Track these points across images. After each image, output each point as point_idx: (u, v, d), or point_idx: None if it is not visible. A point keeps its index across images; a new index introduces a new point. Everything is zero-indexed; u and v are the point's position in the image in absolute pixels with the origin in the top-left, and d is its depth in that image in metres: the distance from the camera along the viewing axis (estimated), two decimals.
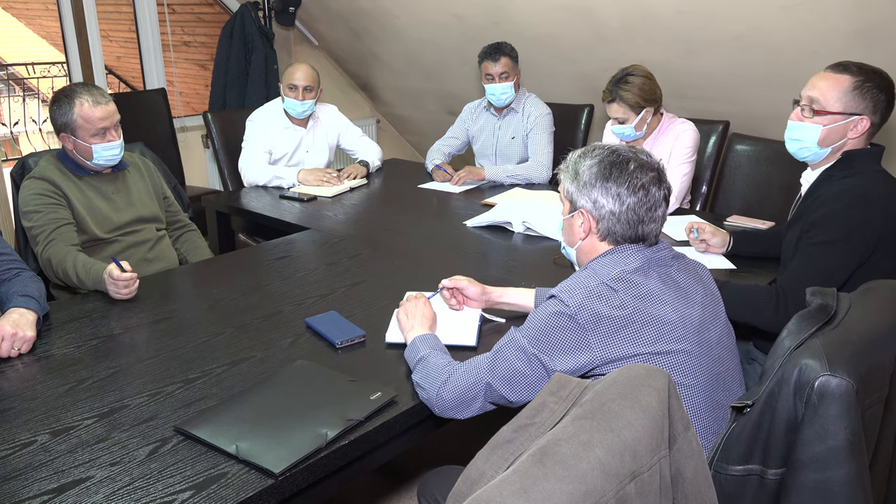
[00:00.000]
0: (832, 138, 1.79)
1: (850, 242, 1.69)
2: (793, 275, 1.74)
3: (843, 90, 1.75)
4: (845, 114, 1.76)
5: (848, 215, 1.70)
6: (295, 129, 3.27)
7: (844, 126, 1.77)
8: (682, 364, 1.29)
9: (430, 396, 1.38)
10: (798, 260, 1.76)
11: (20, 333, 1.59)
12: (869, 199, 1.70)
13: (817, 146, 1.82)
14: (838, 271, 1.71)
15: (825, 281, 1.66)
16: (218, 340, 1.68)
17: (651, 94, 2.62)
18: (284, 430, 1.28)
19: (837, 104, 1.76)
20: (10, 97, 6.11)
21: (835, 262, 1.71)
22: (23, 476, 1.19)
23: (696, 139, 2.68)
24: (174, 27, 4.49)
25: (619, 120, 2.65)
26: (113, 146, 2.21)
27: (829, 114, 1.77)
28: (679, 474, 0.98)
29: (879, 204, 1.70)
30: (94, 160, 2.21)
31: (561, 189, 1.46)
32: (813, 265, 1.72)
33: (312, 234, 2.51)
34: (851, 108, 1.75)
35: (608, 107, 2.67)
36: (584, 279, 1.33)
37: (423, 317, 1.61)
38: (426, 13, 3.99)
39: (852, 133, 1.78)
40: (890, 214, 1.71)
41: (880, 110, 1.76)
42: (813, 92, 1.79)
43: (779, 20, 2.88)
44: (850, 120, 1.76)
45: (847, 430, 1.04)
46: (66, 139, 2.19)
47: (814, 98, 1.79)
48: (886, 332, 1.20)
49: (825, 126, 1.78)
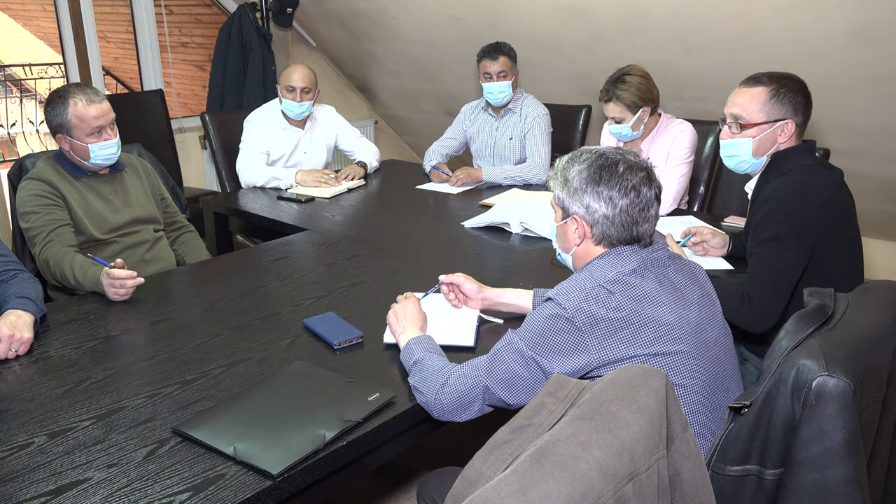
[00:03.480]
0: (765, 147, 1.89)
1: (795, 235, 1.74)
2: (751, 279, 1.77)
3: (761, 101, 1.85)
4: (770, 122, 1.85)
5: (786, 211, 1.75)
6: (293, 130, 3.27)
7: (772, 133, 1.86)
8: (679, 365, 1.29)
9: (429, 400, 1.38)
10: (752, 263, 1.80)
11: (17, 335, 1.59)
12: (802, 192, 1.76)
13: (753, 157, 1.91)
14: (792, 264, 1.74)
15: (782, 275, 1.73)
16: (216, 342, 1.68)
17: (648, 94, 2.63)
18: (282, 432, 1.28)
19: (760, 115, 1.85)
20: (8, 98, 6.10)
21: (786, 255, 1.74)
22: (20, 478, 1.19)
23: (693, 140, 2.69)
24: (172, 28, 4.48)
25: (616, 119, 2.66)
26: (109, 145, 2.21)
27: (754, 125, 1.86)
28: (677, 475, 0.98)
29: (812, 195, 1.76)
30: (91, 160, 2.20)
31: (552, 196, 1.46)
32: (766, 263, 1.75)
33: (310, 235, 2.51)
34: (774, 115, 1.85)
35: (605, 106, 2.68)
36: (580, 282, 1.33)
37: (414, 317, 1.61)
38: (424, 14, 4.00)
39: (781, 138, 1.86)
40: (825, 203, 1.76)
41: (801, 111, 1.85)
42: (734, 109, 1.90)
43: (776, 21, 2.89)
44: (775, 126, 1.85)
45: (844, 431, 1.05)
46: (63, 140, 2.19)
47: (737, 115, 1.89)
48: (884, 332, 1.20)
49: (755, 137, 1.88)
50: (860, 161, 3.20)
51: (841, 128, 3.13)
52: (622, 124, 2.66)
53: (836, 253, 1.79)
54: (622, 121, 2.66)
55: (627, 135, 2.68)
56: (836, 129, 3.14)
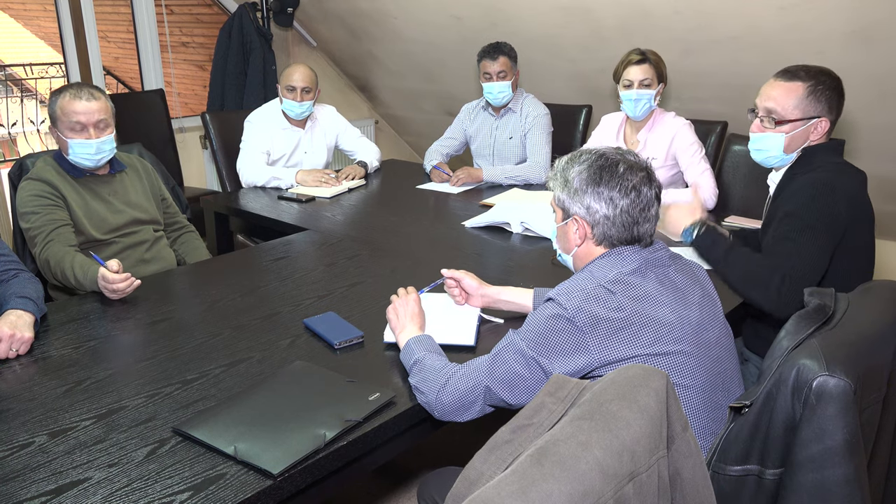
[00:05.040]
0: (796, 143, 1.85)
1: (827, 227, 1.73)
2: (792, 261, 1.71)
3: (798, 97, 1.81)
4: (804, 119, 1.81)
5: (820, 203, 1.74)
6: (293, 129, 3.27)
7: (806, 130, 1.83)
8: (680, 365, 1.29)
9: (430, 400, 1.38)
10: (788, 248, 1.74)
11: (18, 335, 1.59)
12: (834, 186, 1.75)
13: (783, 153, 1.87)
14: (822, 254, 1.74)
15: (818, 264, 1.72)
16: (216, 341, 1.68)
17: (665, 74, 2.72)
18: (283, 431, 1.28)
19: (796, 111, 1.81)
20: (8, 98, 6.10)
21: (819, 244, 1.73)
22: (21, 477, 1.19)
23: (693, 131, 2.75)
24: (172, 28, 4.48)
25: (646, 82, 2.67)
26: (87, 144, 2.15)
27: (789, 122, 1.82)
28: (677, 475, 0.98)
29: (843, 191, 1.75)
30: (69, 156, 2.19)
31: (552, 198, 1.46)
32: (804, 249, 1.73)
33: (311, 235, 2.51)
34: (809, 112, 1.81)
35: (635, 69, 2.67)
36: (581, 282, 1.33)
37: (414, 314, 1.61)
38: (424, 14, 4.00)
39: (814, 135, 1.84)
40: (853, 200, 1.77)
41: (835, 108, 1.82)
42: (769, 103, 1.84)
43: (776, 21, 2.88)
44: (810, 124, 1.81)
45: (845, 431, 1.05)
46: (53, 132, 2.20)
47: (771, 108, 1.84)
48: (884, 332, 1.20)
49: (787, 134, 1.84)
50: (860, 161, 3.17)
51: (841, 127, 3.13)
52: (650, 89, 2.67)
53: (856, 251, 1.79)
54: (650, 85, 2.67)
55: (646, 103, 2.68)
56: (836, 128, 3.12)
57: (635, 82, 2.67)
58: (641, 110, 2.72)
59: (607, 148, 1.41)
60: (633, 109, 2.72)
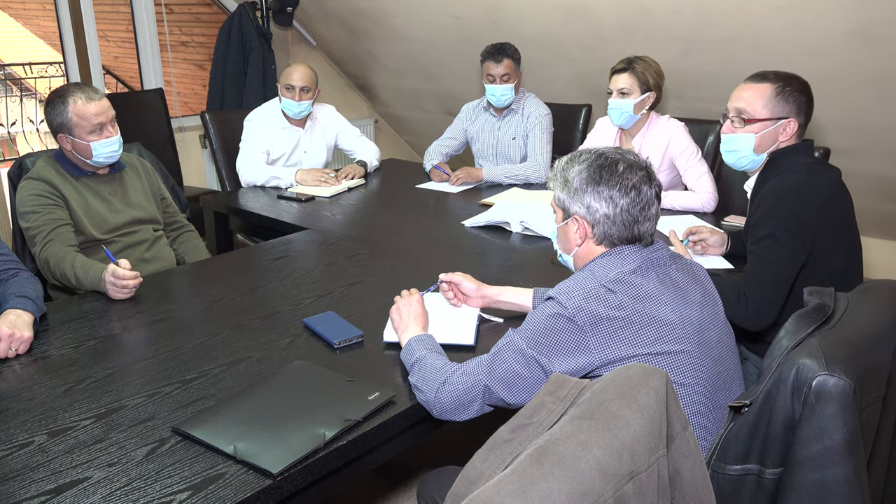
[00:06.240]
0: (766, 144, 1.88)
1: (791, 233, 1.74)
2: (748, 276, 1.78)
3: (767, 97, 1.85)
4: (773, 119, 1.85)
5: (783, 209, 1.76)
6: (293, 129, 3.27)
7: (775, 131, 1.86)
8: (681, 364, 1.29)
9: (429, 399, 1.38)
10: (749, 261, 1.81)
11: (17, 334, 1.59)
12: (799, 190, 1.77)
13: (753, 153, 1.91)
14: (788, 262, 1.75)
15: (778, 273, 1.74)
16: (216, 341, 1.68)
17: (658, 81, 2.68)
18: (282, 431, 1.28)
19: (764, 111, 1.86)
20: (8, 97, 6.10)
21: (782, 253, 1.75)
22: (20, 477, 1.19)
23: (688, 134, 2.73)
24: (172, 27, 4.48)
25: (623, 91, 2.65)
26: (111, 142, 2.21)
27: (758, 121, 1.86)
28: (677, 474, 0.98)
29: (810, 193, 1.76)
30: (93, 158, 2.20)
31: (552, 198, 1.46)
32: (762, 261, 1.76)
33: (310, 235, 2.51)
34: (778, 112, 1.85)
35: (616, 77, 2.67)
36: (581, 281, 1.33)
37: (417, 315, 1.61)
38: (424, 13, 3.99)
39: (783, 136, 1.87)
40: (823, 202, 1.77)
41: (804, 111, 1.86)
42: (739, 103, 1.89)
43: (775, 20, 2.89)
44: (778, 124, 1.86)
45: (844, 430, 1.05)
46: (64, 140, 2.18)
47: (741, 109, 1.89)
48: (884, 331, 1.20)
49: (757, 133, 1.87)
50: (860, 160, 3.20)
51: (840, 127, 3.13)
52: (627, 98, 2.65)
53: (835, 252, 1.80)
54: (628, 94, 2.65)
55: (627, 114, 2.67)
56: (836, 128, 3.14)
57: (615, 91, 2.69)
58: (620, 119, 2.72)
59: (607, 148, 1.42)
60: (613, 118, 2.74)
